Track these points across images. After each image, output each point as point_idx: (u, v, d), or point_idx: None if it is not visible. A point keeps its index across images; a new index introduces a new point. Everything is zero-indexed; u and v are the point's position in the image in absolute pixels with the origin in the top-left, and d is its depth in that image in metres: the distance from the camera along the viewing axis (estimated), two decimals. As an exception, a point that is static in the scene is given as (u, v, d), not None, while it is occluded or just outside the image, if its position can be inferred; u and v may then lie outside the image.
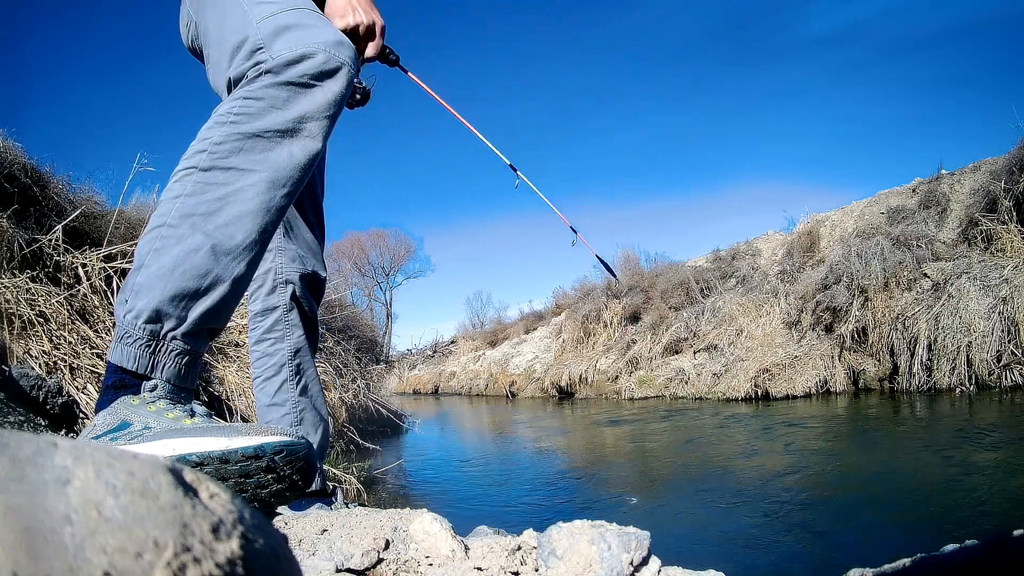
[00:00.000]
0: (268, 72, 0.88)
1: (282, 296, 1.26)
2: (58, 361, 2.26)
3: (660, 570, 0.75)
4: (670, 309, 9.45)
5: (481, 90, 44.68)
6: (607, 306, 10.53)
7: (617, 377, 9.07)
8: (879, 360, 6.34)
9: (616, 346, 9.77)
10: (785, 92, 44.12)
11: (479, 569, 0.76)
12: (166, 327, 0.82)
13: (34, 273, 2.48)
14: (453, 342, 18.16)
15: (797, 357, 6.83)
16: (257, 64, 0.89)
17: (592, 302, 10.91)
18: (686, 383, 7.83)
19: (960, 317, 5.59)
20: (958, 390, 5.38)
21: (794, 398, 6.44)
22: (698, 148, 44.58)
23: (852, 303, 6.64)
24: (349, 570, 0.75)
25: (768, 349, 7.24)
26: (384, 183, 43.73)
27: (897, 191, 8.86)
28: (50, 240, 2.61)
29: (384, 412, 5.67)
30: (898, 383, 6.03)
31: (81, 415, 1.90)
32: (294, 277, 1.27)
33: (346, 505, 1.21)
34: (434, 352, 18.61)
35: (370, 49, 1.08)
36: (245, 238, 0.85)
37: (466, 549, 0.80)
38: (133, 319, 0.81)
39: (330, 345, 5.20)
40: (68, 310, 2.43)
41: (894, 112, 41.04)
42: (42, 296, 2.36)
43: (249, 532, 0.24)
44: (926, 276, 6.32)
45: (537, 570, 0.76)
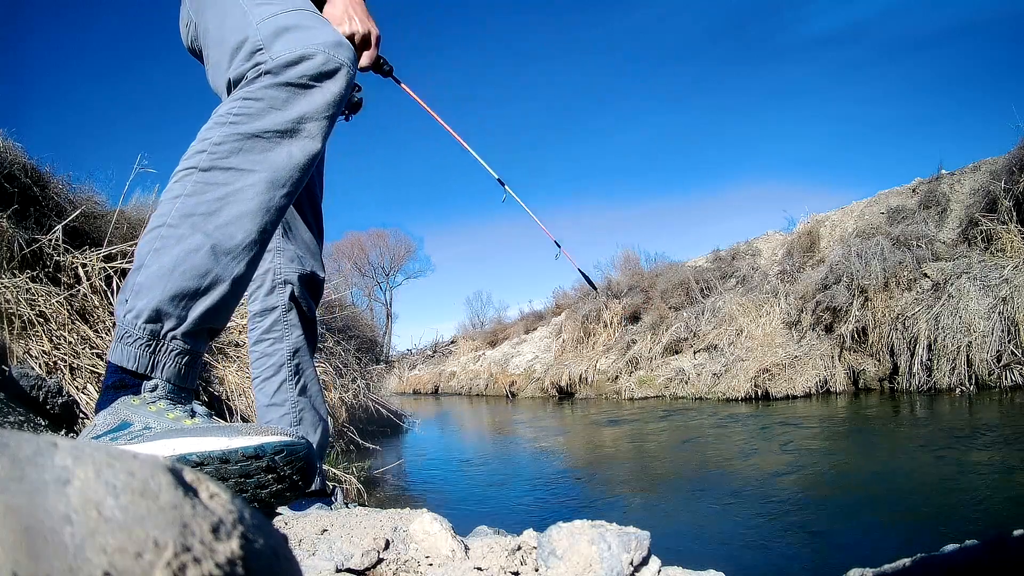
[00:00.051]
0: (268, 73, 0.89)
1: (281, 296, 1.26)
2: (58, 361, 2.26)
3: (660, 570, 0.75)
4: (670, 309, 9.45)
5: (481, 90, 44.76)
6: (607, 306, 10.53)
7: (617, 377, 9.07)
8: (879, 360, 6.34)
9: (616, 346, 9.77)
10: (785, 92, 44.14)
11: (479, 569, 0.76)
12: (166, 327, 0.82)
13: (34, 273, 2.48)
14: (453, 342, 18.16)
15: (797, 357, 6.83)
16: (257, 65, 0.90)
17: (592, 302, 10.90)
18: (686, 383, 7.83)
19: (960, 317, 5.59)
20: (958, 390, 5.38)
21: (794, 398, 6.44)
22: (698, 148, 44.62)
23: (852, 303, 6.64)
24: (349, 570, 0.75)
25: (768, 349, 7.24)
26: (384, 183, 43.76)
27: (897, 191, 8.86)
28: (50, 240, 2.61)
29: (384, 412, 5.67)
30: (898, 383, 6.03)
31: (81, 415, 1.90)
32: (293, 277, 1.27)
33: (346, 505, 1.21)
34: (434, 352, 18.60)
35: (364, 59, 1.09)
36: (245, 238, 0.86)
37: (466, 549, 0.80)
38: (133, 319, 0.81)
39: (330, 345, 5.20)
40: (68, 310, 2.43)
41: (894, 112, 41.08)
42: (42, 296, 2.36)
43: (249, 532, 0.24)
44: (926, 276, 6.32)
45: (537, 570, 0.76)
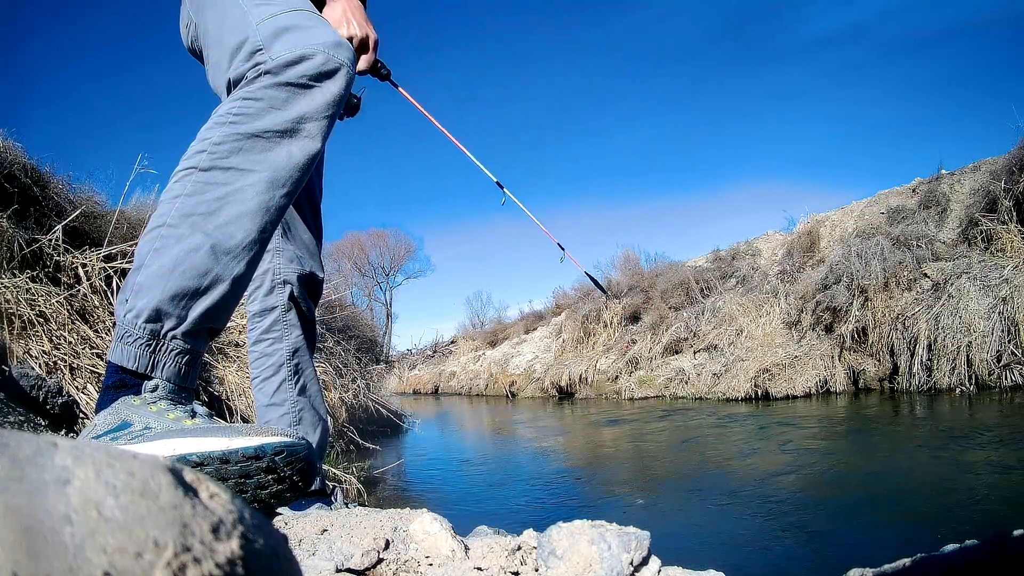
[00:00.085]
0: (267, 73, 0.89)
1: (280, 297, 1.26)
2: (58, 361, 2.26)
3: (660, 570, 0.75)
4: (670, 309, 9.44)
5: (481, 90, 44.76)
6: (607, 306, 10.53)
7: (617, 377, 9.06)
8: (879, 360, 6.34)
9: (616, 346, 9.76)
10: (785, 92, 44.13)
11: (479, 569, 0.76)
12: (166, 326, 0.82)
13: (34, 273, 2.48)
14: (453, 342, 18.15)
15: (797, 357, 6.83)
16: (256, 65, 0.90)
17: (592, 302, 10.90)
18: (686, 383, 7.83)
19: (960, 317, 5.59)
20: (958, 390, 5.38)
21: (794, 398, 6.44)
22: (698, 148, 44.60)
23: (852, 303, 6.64)
24: (349, 570, 0.75)
25: (768, 349, 7.24)
26: (384, 183, 43.75)
27: (897, 191, 8.86)
28: (50, 240, 2.61)
29: (384, 412, 5.67)
30: (898, 383, 6.03)
31: (81, 415, 1.90)
32: (292, 278, 1.27)
33: (346, 505, 1.21)
34: (434, 352, 18.60)
35: (362, 63, 1.09)
36: (245, 237, 0.86)
37: (466, 549, 0.80)
38: (133, 318, 0.81)
39: (330, 345, 5.20)
40: (68, 310, 2.43)
41: (894, 112, 41.06)
42: (42, 296, 2.36)
43: (249, 532, 0.24)
44: (926, 276, 6.32)
45: (537, 570, 0.76)
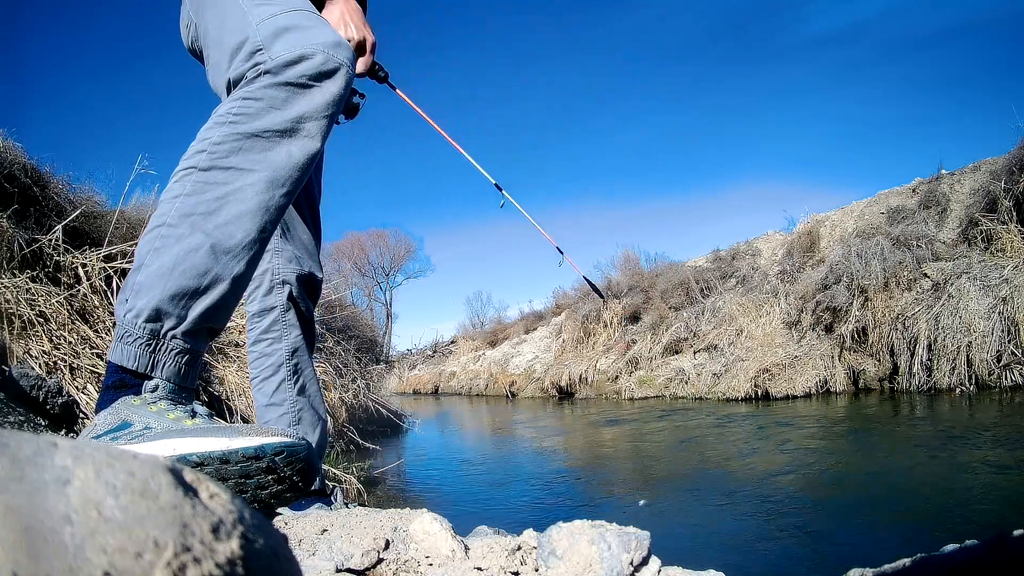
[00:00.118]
0: (267, 73, 0.89)
1: (279, 297, 1.27)
2: (58, 361, 2.26)
3: (660, 570, 0.75)
4: (670, 309, 9.44)
5: (481, 90, 44.75)
6: (607, 306, 10.53)
7: (617, 377, 9.06)
8: (879, 360, 6.34)
9: (616, 346, 9.76)
10: (785, 92, 44.10)
11: (479, 569, 0.76)
12: (166, 326, 0.82)
13: (34, 273, 2.48)
14: (453, 342, 18.15)
15: (797, 357, 6.83)
16: (256, 65, 0.90)
17: (592, 302, 10.89)
18: (686, 383, 7.83)
19: (960, 317, 5.59)
20: (958, 390, 5.38)
21: (794, 398, 6.44)
22: (698, 148, 44.59)
23: (852, 303, 6.64)
24: (349, 570, 0.75)
25: (768, 349, 7.24)
26: (384, 183, 43.74)
27: (897, 191, 8.86)
28: (50, 240, 2.61)
29: (384, 412, 5.67)
30: (898, 383, 6.03)
31: (81, 415, 1.90)
32: (291, 278, 1.27)
33: (346, 505, 1.21)
34: (434, 352, 18.60)
35: (360, 65, 1.09)
36: (244, 237, 0.86)
37: (466, 549, 0.80)
38: (133, 318, 0.81)
39: (330, 345, 5.20)
40: (68, 310, 2.43)
41: (894, 112, 41.04)
42: (42, 296, 2.36)
43: (249, 532, 0.24)
44: (926, 276, 6.32)
45: (537, 570, 0.76)
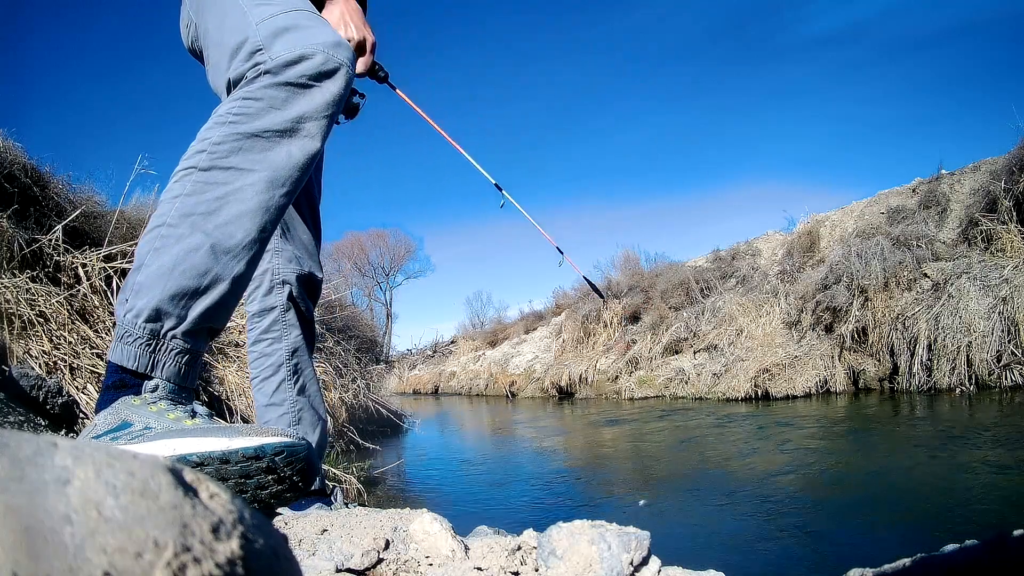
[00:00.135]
0: (267, 73, 0.89)
1: (279, 297, 1.27)
2: (58, 361, 2.26)
3: (660, 570, 0.75)
4: (670, 309, 9.44)
5: (481, 90, 44.75)
6: (607, 306, 10.53)
7: (617, 377, 9.06)
8: (879, 360, 6.34)
9: (616, 346, 9.76)
10: (785, 92, 44.07)
11: (479, 569, 0.76)
12: (166, 326, 0.82)
13: (34, 273, 2.48)
14: (453, 342, 18.14)
15: (797, 357, 6.83)
16: (256, 65, 0.90)
17: (592, 302, 10.89)
18: (686, 383, 7.83)
19: (960, 317, 5.59)
20: (958, 390, 5.38)
21: (794, 398, 6.44)
22: (698, 148, 44.56)
23: (852, 303, 6.64)
24: (349, 570, 0.75)
25: (768, 349, 7.24)
26: (384, 183, 43.73)
27: (897, 191, 8.86)
28: (50, 240, 2.61)
29: (384, 412, 5.67)
30: (898, 383, 6.03)
31: (81, 415, 1.90)
32: (291, 278, 1.28)
33: (346, 505, 1.21)
34: (434, 352, 18.59)
35: (360, 65, 1.09)
36: (244, 237, 0.86)
37: (466, 549, 0.80)
38: (133, 318, 0.81)
39: (330, 345, 5.20)
40: (68, 310, 2.43)
41: (894, 112, 41.00)
42: (42, 296, 2.36)
43: (249, 532, 0.24)
44: (926, 276, 6.32)
45: (537, 570, 0.76)
